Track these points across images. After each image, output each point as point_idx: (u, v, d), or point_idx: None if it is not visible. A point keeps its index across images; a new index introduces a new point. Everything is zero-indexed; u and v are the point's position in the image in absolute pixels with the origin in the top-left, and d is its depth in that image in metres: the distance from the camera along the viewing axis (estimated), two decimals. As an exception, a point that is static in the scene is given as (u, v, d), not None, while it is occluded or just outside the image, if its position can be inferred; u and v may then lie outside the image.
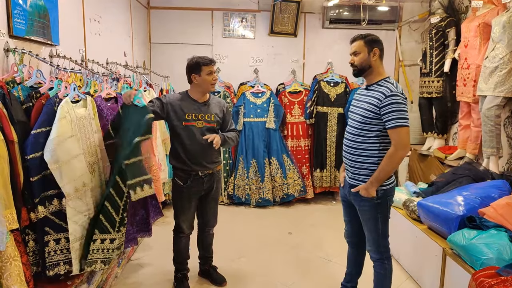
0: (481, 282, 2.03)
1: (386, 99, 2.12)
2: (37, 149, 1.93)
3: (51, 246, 2.04)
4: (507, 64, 3.13)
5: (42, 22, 2.41)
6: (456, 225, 2.54)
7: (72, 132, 2.07)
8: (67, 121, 2.05)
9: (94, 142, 2.30)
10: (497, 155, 3.30)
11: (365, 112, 2.20)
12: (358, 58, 2.24)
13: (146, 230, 2.89)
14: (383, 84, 2.20)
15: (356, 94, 2.39)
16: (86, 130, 2.23)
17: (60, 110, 2.02)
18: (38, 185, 1.95)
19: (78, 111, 2.19)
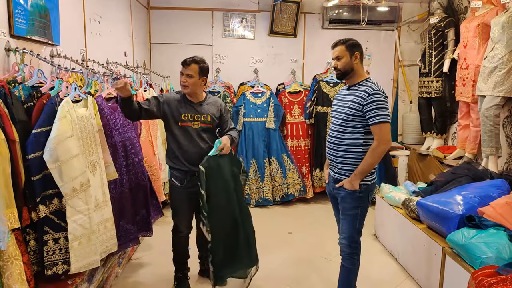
0: (481, 281, 2.04)
1: (369, 97, 2.26)
2: (38, 149, 1.93)
3: (50, 245, 2.04)
4: (506, 64, 3.14)
5: (43, 22, 2.41)
6: (455, 224, 2.55)
7: (72, 131, 2.07)
8: (67, 121, 2.05)
9: (95, 141, 2.30)
10: (496, 155, 3.31)
11: (349, 110, 2.32)
12: (341, 62, 2.37)
13: (147, 229, 2.91)
14: (365, 84, 2.33)
15: (338, 94, 2.52)
16: (88, 129, 2.24)
17: (61, 109, 2.03)
18: (39, 185, 1.96)
19: (79, 111, 2.19)
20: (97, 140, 2.32)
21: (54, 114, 2.02)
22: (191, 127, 2.59)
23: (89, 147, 2.25)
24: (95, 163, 2.30)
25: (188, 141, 2.58)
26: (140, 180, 2.81)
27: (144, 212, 2.85)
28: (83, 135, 2.20)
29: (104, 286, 2.69)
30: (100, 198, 2.31)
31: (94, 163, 2.30)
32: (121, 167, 2.63)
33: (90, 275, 2.45)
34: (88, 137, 2.25)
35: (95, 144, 2.30)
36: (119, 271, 3.00)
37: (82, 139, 2.18)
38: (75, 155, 2.09)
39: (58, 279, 2.17)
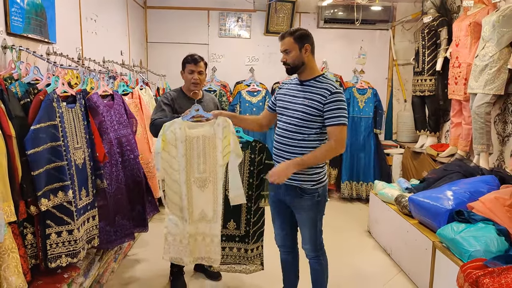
0: (469, 273, 2.08)
1: (331, 96, 2.07)
2: (37, 144, 1.96)
3: (53, 238, 2.07)
4: (497, 62, 3.20)
5: (39, 20, 2.45)
6: (445, 219, 2.60)
7: (160, 150, 2.22)
8: (161, 139, 2.21)
9: (213, 161, 2.29)
10: (487, 152, 3.36)
11: (307, 108, 2.11)
12: (290, 56, 2.14)
13: (142, 225, 2.94)
14: (323, 80, 2.14)
15: (286, 89, 2.26)
16: (203, 148, 2.28)
17: (162, 130, 2.23)
18: (40, 179, 1.97)
19: (193, 131, 2.27)
20: (217, 161, 2.28)
21: (52, 109, 2.04)
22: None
23: (199, 165, 2.29)
24: (207, 180, 2.30)
25: None
26: (136, 176, 2.85)
27: (140, 208, 2.88)
28: (193, 153, 2.27)
29: (100, 280, 2.72)
30: (209, 214, 2.34)
31: (206, 180, 2.30)
32: (116, 163, 2.66)
33: (86, 270, 2.49)
34: (202, 156, 2.29)
35: (211, 164, 2.29)
36: (115, 266, 3.04)
37: (188, 156, 2.26)
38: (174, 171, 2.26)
39: (54, 273, 2.21)
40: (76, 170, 2.20)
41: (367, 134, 4.82)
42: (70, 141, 2.17)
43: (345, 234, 3.87)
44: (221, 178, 2.30)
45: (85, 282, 2.44)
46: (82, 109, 2.32)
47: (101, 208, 2.51)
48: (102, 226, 2.54)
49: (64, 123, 2.14)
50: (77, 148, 2.23)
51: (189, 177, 2.28)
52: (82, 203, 2.26)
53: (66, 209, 2.11)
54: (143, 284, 2.92)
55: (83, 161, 2.28)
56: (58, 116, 2.08)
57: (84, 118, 2.32)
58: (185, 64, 2.64)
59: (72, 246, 2.13)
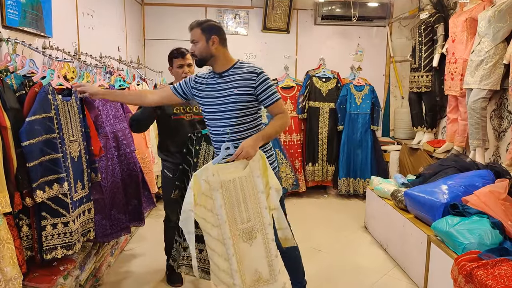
0: (463, 266, 2.10)
1: (259, 77, 2.06)
2: (33, 136, 1.95)
3: (48, 230, 2.07)
4: (493, 58, 3.20)
5: (35, 14, 2.45)
6: (440, 213, 2.61)
7: (192, 207, 1.90)
8: (192, 192, 1.91)
9: (256, 205, 2.00)
10: (483, 147, 3.37)
11: (239, 97, 2.08)
12: (197, 47, 2.13)
13: (139, 219, 2.95)
14: (243, 66, 2.13)
15: (205, 84, 2.19)
16: (242, 192, 1.99)
17: (193, 177, 1.93)
18: (35, 171, 1.97)
19: (227, 172, 1.97)
20: (260, 203, 1.99)
21: (47, 102, 2.04)
22: (184, 120, 2.60)
23: (241, 213, 1.98)
24: (253, 230, 1.99)
25: (181, 134, 2.58)
26: (132, 170, 2.85)
27: (136, 202, 2.89)
28: (232, 200, 1.97)
29: (96, 274, 2.73)
30: (265, 272, 2.00)
31: (252, 230, 1.99)
32: (112, 157, 2.67)
33: (82, 263, 2.49)
34: (242, 201, 1.99)
35: (254, 209, 2.00)
36: (112, 261, 3.04)
37: (227, 205, 1.96)
38: (190, 232, 1.92)
39: (50, 265, 2.21)
40: (72, 163, 2.21)
41: (364, 130, 4.84)
42: (66, 133, 2.18)
43: (342, 230, 3.88)
44: (269, 223, 1.98)
45: (81, 275, 2.45)
46: (77, 102, 2.32)
47: (97, 202, 2.52)
48: (98, 220, 2.55)
49: (60, 115, 2.14)
50: (72, 140, 2.23)
51: (232, 230, 1.93)
52: (77, 196, 2.26)
53: (62, 201, 2.11)
54: (139, 278, 2.93)
55: (78, 154, 2.28)
56: (53, 109, 2.08)
57: (80, 111, 2.32)
58: (172, 59, 2.61)
59: (67, 238, 2.13)
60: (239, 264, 1.93)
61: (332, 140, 4.93)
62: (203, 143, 2.45)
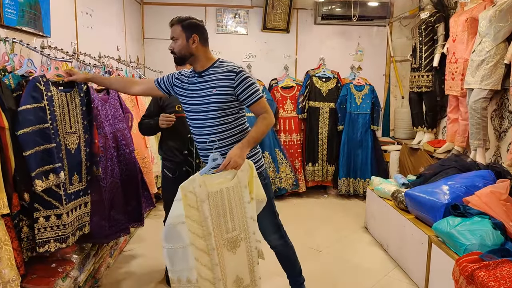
0: (464, 267, 2.08)
1: (238, 76, 2.03)
2: (25, 125, 1.93)
3: (41, 222, 2.03)
4: (493, 57, 3.19)
5: (33, 13, 2.43)
6: (441, 213, 2.60)
7: (183, 218, 1.84)
8: (183, 204, 1.85)
9: (242, 215, 2.00)
10: (483, 147, 3.36)
11: (218, 97, 2.04)
12: (177, 45, 2.06)
13: (138, 220, 2.93)
14: (222, 65, 2.08)
15: (186, 83, 2.16)
16: (228, 202, 1.97)
17: (180, 189, 1.86)
18: (32, 160, 1.94)
19: (215, 182, 1.94)
20: (246, 213, 1.99)
21: (38, 92, 2.01)
22: (185, 117, 2.60)
23: (227, 223, 1.97)
24: (237, 239, 2.00)
25: (183, 132, 2.58)
26: (131, 171, 2.83)
27: (135, 203, 2.87)
28: (219, 210, 1.94)
29: (96, 275, 2.71)
30: (246, 278, 2.03)
31: (237, 239, 2.00)
32: (112, 157, 2.65)
33: (81, 264, 2.48)
34: (228, 212, 1.97)
35: (240, 219, 1.99)
36: (111, 262, 3.03)
37: (213, 216, 1.92)
38: (186, 245, 1.87)
39: (48, 267, 2.20)
40: (67, 154, 2.19)
41: (365, 130, 4.82)
42: (61, 124, 2.15)
43: (342, 230, 3.86)
44: (253, 232, 2.01)
45: (80, 277, 2.43)
46: (81, 94, 2.30)
47: (96, 203, 2.49)
48: (97, 221, 2.52)
49: (54, 106, 2.12)
50: (69, 132, 2.21)
51: (218, 240, 1.92)
52: (73, 188, 2.24)
53: (54, 192, 2.08)
54: (138, 279, 2.91)
55: (76, 146, 2.25)
56: (46, 99, 2.05)
57: (82, 104, 2.31)
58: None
59: (60, 230, 2.09)
60: (222, 273, 1.94)
61: (332, 140, 4.92)
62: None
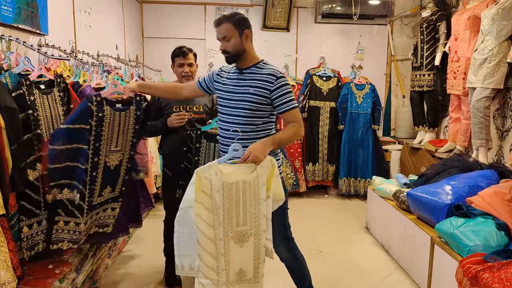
0: (468, 268, 2.05)
1: (277, 81, 1.99)
2: (61, 143, 2.02)
3: (60, 225, 2.12)
4: (496, 56, 3.16)
5: (30, 11, 2.40)
6: (444, 214, 2.56)
7: (192, 203, 1.83)
8: (194, 188, 1.83)
9: (255, 211, 1.92)
10: (486, 147, 3.32)
11: (253, 97, 2.00)
12: (231, 44, 1.99)
13: (136, 220, 2.88)
14: (265, 66, 2.05)
15: (226, 78, 2.12)
16: (244, 198, 1.90)
17: (195, 175, 1.83)
18: (55, 172, 2.04)
19: (232, 174, 1.87)
20: (260, 210, 1.91)
21: (86, 111, 2.08)
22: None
23: (238, 217, 1.91)
24: (247, 234, 1.93)
25: (181, 133, 2.53)
26: (130, 171, 2.80)
27: (134, 203, 2.82)
28: (232, 202, 1.88)
29: (94, 277, 2.68)
30: (250, 272, 1.97)
31: (246, 234, 1.93)
32: (110, 157, 2.62)
33: (79, 265, 2.44)
34: (242, 205, 1.90)
35: (253, 214, 1.93)
36: (109, 262, 2.99)
37: (226, 207, 1.87)
38: (192, 230, 1.86)
39: (45, 268, 2.16)
40: (104, 171, 2.26)
41: (365, 130, 4.79)
42: (106, 144, 2.20)
43: (343, 230, 3.83)
44: (264, 230, 1.94)
45: (78, 278, 2.40)
46: (137, 112, 2.28)
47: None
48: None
49: (103, 126, 2.16)
50: (113, 151, 2.30)
51: (226, 232, 1.89)
52: (102, 199, 2.32)
53: (80, 205, 2.17)
54: (137, 280, 2.88)
55: (118, 163, 2.32)
56: (95, 120, 2.11)
57: (137, 122, 2.32)
58: (174, 58, 2.60)
59: (76, 235, 2.19)
60: (226, 263, 1.91)
61: (333, 139, 4.89)
62: (203, 141, 2.42)
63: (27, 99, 1.99)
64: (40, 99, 2.10)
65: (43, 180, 2.06)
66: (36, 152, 2.00)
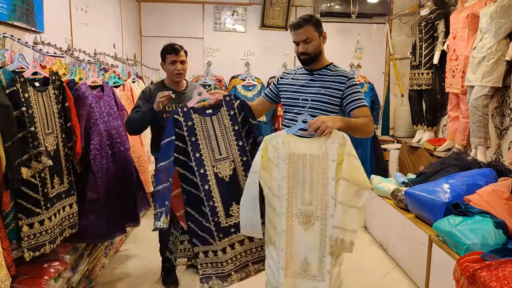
0: (466, 267, 2.04)
1: (349, 82, 2.04)
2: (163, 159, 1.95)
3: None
4: (495, 54, 3.14)
5: (25, 8, 2.38)
6: (442, 212, 2.55)
7: (258, 168, 1.77)
8: (261, 155, 1.78)
9: (322, 191, 1.76)
10: (484, 145, 3.31)
11: (325, 97, 2.05)
12: (312, 45, 2.01)
13: (134, 220, 2.88)
14: (335, 68, 2.11)
15: (292, 79, 2.15)
16: (311, 172, 1.78)
17: (263, 141, 1.80)
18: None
19: (301, 146, 1.80)
20: (328, 190, 1.75)
21: (175, 123, 1.97)
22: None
23: (304, 194, 1.79)
24: (312, 216, 1.77)
25: None
26: (127, 169, 2.77)
27: (131, 202, 2.81)
28: (298, 176, 1.79)
29: (90, 276, 2.66)
30: (314, 265, 1.78)
31: (312, 215, 1.78)
32: (106, 155, 2.60)
33: (75, 264, 2.43)
34: (308, 182, 1.78)
35: (320, 194, 1.77)
36: (106, 262, 2.98)
37: (290, 180, 1.79)
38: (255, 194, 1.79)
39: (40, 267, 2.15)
40: (218, 184, 2.00)
41: (364, 129, 4.77)
42: (209, 152, 2.01)
43: (341, 229, 3.81)
44: (331, 215, 1.74)
45: (73, 277, 2.39)
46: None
47: (92, 202, 2.46)
48: (93, 220, 2.48)
49: (196, 134, 2.00)
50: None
51: (290, 207, 1.77)
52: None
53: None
54: (134, 279, 2.87)
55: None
56: (186, 130, 1.99)
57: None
58: (166, 55, 2.54)
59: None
60: (288, 244, 1.76)
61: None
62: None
63: (21, 96, 1.97)
64: (35, 96, 2.08)
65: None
66: (31, 150, 1.98)
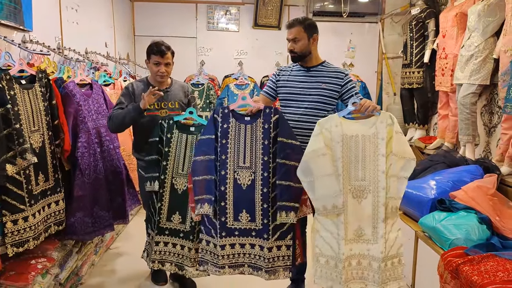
0: (449, 261, 2.06)
1: (346, 77, 2.25)
2: (197, 155, 2.10)
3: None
4: (482, 52, 3.16)
5: (13, 7, 2.40)
6: (428, 208, 2.57)
7: (325, 150, 1.90)
8: (322, 138, 1.92)
9: (374, 167, 1.92)
10: (473, 143, 3.33)
11: (325, 91, 2.22)
12: (299, 45, 2.21)
13: (122, 217, 2.90)
14: (330, 65, 2.30)
15: (289, 75, 2.30)
16: (363, 151, 1.94)
17: (317, 126, 1.94)
18: (197, 185, 2.09)
19: (353, 127, 1.94)
20: (379, 165, 1.91)
21: (212, 122, 2.10)
22: (159, 116, 2.45)
23: (357, 171, 1.94)
24: (365, 190, 1.94)
25: (156, 131, 2.34)
26: (116, 167, 2.80)
27: (120, 199, 2.84)
28: (351, 155, 1.93)
29: (78, 273, 2.67)
30: (368, 232, 1.95)
31: (365, 189, 1.94)
32: (95, 153, 2.61)
33: (63, 261, 2.44)
34: (360, 160, 1.94)
35: (372, 170, 1.93)
36: (96, 259, 2.99)
37: (344, 159, 1.93)
38: (328, 174, 1.92)
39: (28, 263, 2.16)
40: (235, 189, 2.08)
41: (356, 127, 4.79)
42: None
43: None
44: (383, 187, 1.92)
45: (61, 274, 2.40)
46: (265, 126, 2.09)
47: (79, 199, 2.48)
48: (80, 217, 2.50)
49: (228, 138, 2.07)
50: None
51: (345, 184, 1.93)
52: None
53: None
54: (123, 277, 2.88)
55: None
56: (220, 131, 2.06)
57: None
58: (150, 55, 2.44)
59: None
60: (345, 218, 1.94)
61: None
62: (175, 131, 2.29)
63: (7, 93, 1.99)
64: (21, 94, 2.10)
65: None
66: (16, 147, 1.99)
